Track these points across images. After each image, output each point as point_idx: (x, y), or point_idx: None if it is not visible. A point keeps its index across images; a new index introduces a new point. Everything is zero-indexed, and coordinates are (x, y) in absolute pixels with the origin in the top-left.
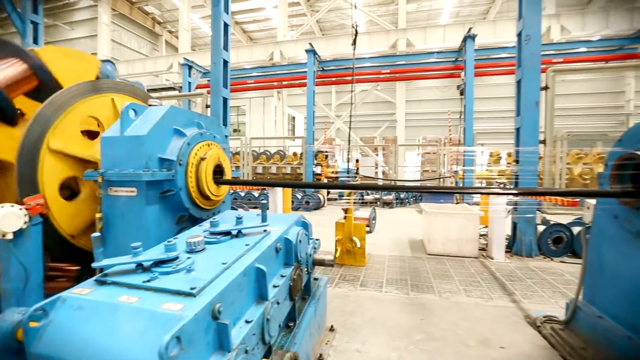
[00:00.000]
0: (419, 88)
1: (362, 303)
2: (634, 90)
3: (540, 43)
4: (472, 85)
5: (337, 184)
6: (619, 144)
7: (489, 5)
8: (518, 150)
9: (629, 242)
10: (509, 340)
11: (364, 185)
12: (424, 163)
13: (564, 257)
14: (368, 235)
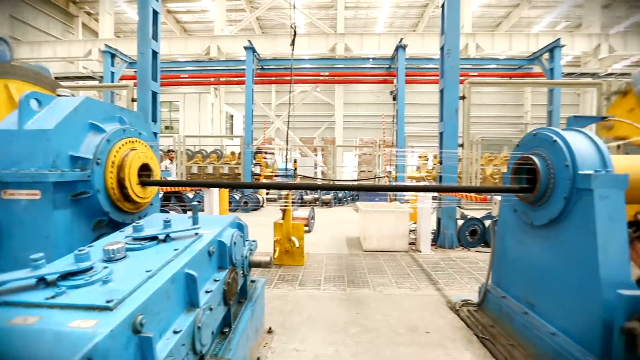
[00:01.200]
0: (356, 91)
1: (300, 302)
2: (531, 103)
3: (459, 57)
4: (403, 91)
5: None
6: (517, 148)
7: (418, 19)
8: (441, 152)
9: (525, 232)
10: (433, 325)
11: (303, 185)
12: (361, 163)
13: (479, 247)
14: (307, 234)
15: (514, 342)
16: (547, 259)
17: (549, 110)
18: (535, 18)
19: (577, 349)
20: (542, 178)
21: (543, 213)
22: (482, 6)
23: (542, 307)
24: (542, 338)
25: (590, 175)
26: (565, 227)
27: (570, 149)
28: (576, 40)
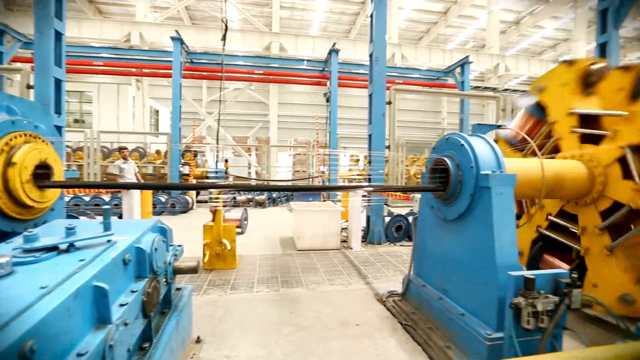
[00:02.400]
0: (291, 92)
1: (232, 306)
2: (447, 111)
3: (385, 65)
4: (336, 94)
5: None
6: (433, 151)
7: (350, 26)
8: (370, 154)
9: (440, 226)
10: (362, 317)
11: (236, 186)
12: (295, 163)
13: (403, 242)
14: (240, 236)
15: (431, 326)
16: (457, 250)
17: (461, 118)
18: (450, 36)
19: (480, 325)
20: (452, 178)
21: (454, 209)
22: (406, 20)
23: (454, 292)
24: (453, 319)
25: (489, 175)
26: (471, 221)
27: (474, 152)
28: (481, 59)
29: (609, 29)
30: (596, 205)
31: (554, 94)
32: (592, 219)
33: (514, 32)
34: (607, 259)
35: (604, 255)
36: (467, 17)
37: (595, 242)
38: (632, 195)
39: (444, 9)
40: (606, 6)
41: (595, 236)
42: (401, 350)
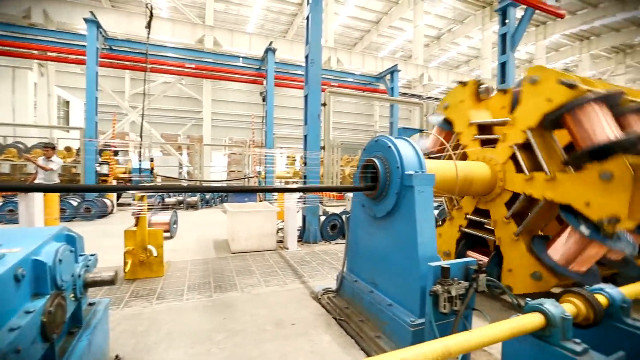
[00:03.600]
0: (226, 89)
1: (158, 318)
2: (379, 115)
3: (321, 67)
4: (272, 93)
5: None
6: (364, 152)
7: (288, 26)
8: (306, 154)
9: (370, 223)
10: (298, 316)
11: (165, 187)
12: (231, 163)
13: (338, 240)
14: (168, 241)
15: (363, 318)
16: (385, 245)
17: (391, 121)
18: (382, 44)
19: (405, 314)
20: (381, 177)
21: (382, 207)
22: (342, 26)
23: (383, 285)
24: (383, 310)
25: (412, 174)
26: (397, 218)
27: (399, 154)
28: (408, 68)
29: (507, 51)
30: (501, 198)
31: (456, 110)
32: (500, 211)
33: (436, 46)
34: (516, 244)
35: (513, 240)
36: (397, 29)
37: (505, 230)
38: (524, 185)
39: (376, 19)
40: (505, 31)
41: (505, 226)
42: (335, 345)
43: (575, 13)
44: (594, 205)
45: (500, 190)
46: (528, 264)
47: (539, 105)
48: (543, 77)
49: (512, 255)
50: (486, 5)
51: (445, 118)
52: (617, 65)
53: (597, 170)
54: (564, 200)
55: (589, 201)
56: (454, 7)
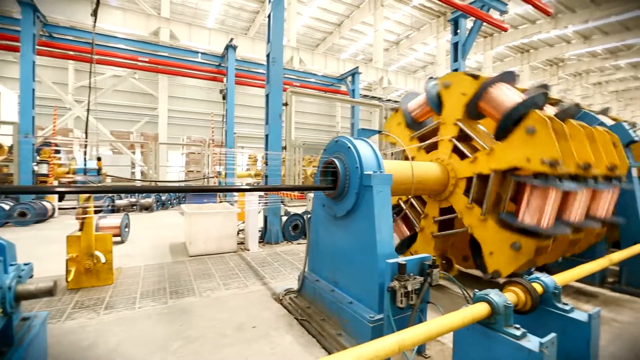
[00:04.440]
0: (184, 85)
1: (107, 329)
2: (341, 116)
3: (282, 67)
4: (233, 91)
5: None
6: (324, 152)
7: (249, 23)
8: (267, 154)
9: (331, 223)
10: (259, 319)
11: (115, 188)
12: (189, 163)
13: (300, 240)
14: (119, 246)
15: (325, 317)
16: (345, 244)
17: (352, 122)
18: (344, 47)
19: (365, 310)
20: (341, 177)
21: (342, 206)
22: (305, 26)
23: (344, 283)
24: (343, 308)
25: (371, 174)
26: (357, 217)
27: (359, 154)
28: (369, 71)
29: (459, 59)
30: (440, 203)
31: (452, 97)
32: (461, 201)
33: (395, 51)
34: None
35: (482, 221)
36: (358, 32)
37: (472, 216)
38: (472, 167)
39: (339, 22)
40: (457, 40)
41: (470, 212)
42: (296, 345)
43: (517, 27)
44: (533, 159)
45: (455, 181)
46: (504, 238)
47: (458, 100)
48: (453, 80)
49: (486, 236)
50: (440, 15)
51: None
52: (551, 77)
53: (522, 129)
54: (508, 165)
55: (528, 157)
56: (411, 15)
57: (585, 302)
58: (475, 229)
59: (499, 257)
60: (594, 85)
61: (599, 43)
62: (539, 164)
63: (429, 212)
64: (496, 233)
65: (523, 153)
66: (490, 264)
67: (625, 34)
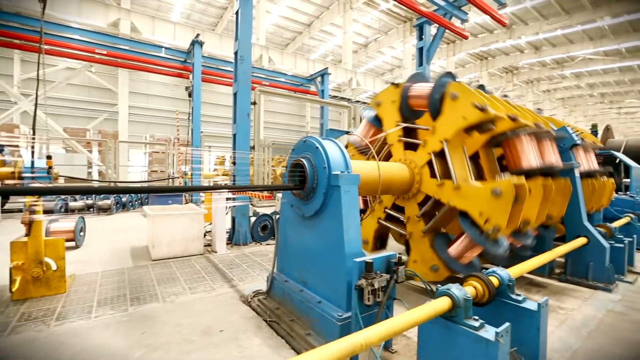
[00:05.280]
0: (146, 81)
1: (59, 342)
2: (310, 116)
3: (251, 65)
4: (199, 89)
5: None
6: (292, 152)
7: (217, 19)
8: (235, 154)
9: (299, 223)
10: (227, 322)
11: (68, 189)
12: (152, 163)
13: (269, 241)
14: (74, 251)
15: (294, 318)
16: (314, 243)
17: (321, 122)
18: (313, 47)
19: (333, 309)
20: (309, 177)
21: (311, 206)
22: (274, 25)
23: (312, 283)
24: (312, 307)
25: (339, 174)
26: (325, 216)
27: (327, 154)
28: (338, 72)
29: (424, 63)
30: (415, 199)
31: (386, 109)
32: (413, 210)
33: (364, 53)
34: (423, 240)
35: (421, 237)
36: (328, 33)
37: (416, 227)
38: (435, 190)
39: (308, 22)
40: (422, 45)
41: (415, 223)
42: (265, 347)
43: (477, 36)
44: (467, 114)
45: (415, 191)
46: (430, 258)
47: (456, 121)
48: (461, 95)
49: (419, 249)
50: (407, 20)
51: (376, 115)
52: (507, 84)
53: (447, 98)
54: (463, 208)
55: (482, 211)
56: (379, 19)
57: (536, 293)
58: (413, 239)
59: (419, 268)
60: (543, 92)
61: (547, 54)
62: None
63: (410, 214)
64: (426, 251)
65: (458, 114)
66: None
67: (570, 47)
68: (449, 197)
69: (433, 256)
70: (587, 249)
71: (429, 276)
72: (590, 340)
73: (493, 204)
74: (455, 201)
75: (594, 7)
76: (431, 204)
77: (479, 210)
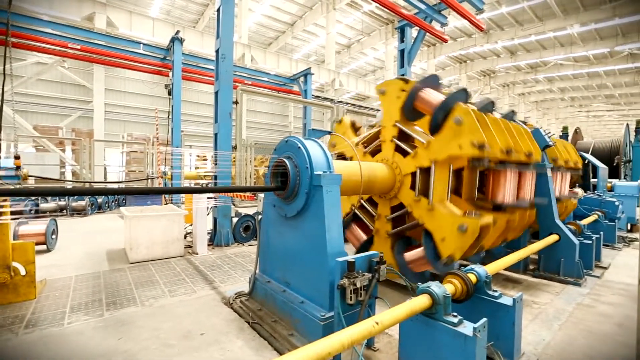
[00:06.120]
0: (124, 78)
1: (28, 351)
2: (293, 116)
3: (232, 63)
4: (179, 87)
5: None
6: (275, 152)
7: (198, 16)
8: (216, 153)
9: (282, 223)
10: (208, 325)
11: (38, 191)
12: (130, 162)
13: (252, 241)
14: (45, 255)
15: (276, 319)
16: (296, 244)
17: (304, 122)
18: (296, 47)
19: (316, 309)
20: (291, 177)
21: (293, 206)
22: (257, 24)
23: (295, 283)
24: (295, 308)
25: (321, 175)
26: (307, 216)
27: (309, 154)
28: (321, 72)
29: (405, 65)
30: (390, 201)
31: (389, 102)
32: (385, 210)
33: (347, 54)
34: (386, 241)
35: (385, 237)
36: (311, 33)
37: (383, 226)
38: (410, 202)
39: (291, 21)
40: (403, 47)
41: (384, 222)
42: (247, 349)
43: (456, 39)
44: (464, 145)
45: (393, 195)
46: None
47: (451, 147)
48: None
49: (380, 247)
50: (389, 22)
51: None
52: (485, 86)
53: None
54: (430, 229)
55: (459, 144)
56: (362, 20)
57: (512, 288)
58: (378, 236)
59: (450, 242)
60: (519, 95)
61: (522, 58)
62: (470, 147)
63: (382, 212)
64: (386, 251)
65: (455, 141)
66: (443, 249)
67: (543, 52)
68: (421, 214)
69: (391, 257)
70: (558, 245)
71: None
72: (561, 332)
73: (456, 236)
74: (424, 219)
75: (564, 15)
76: (403, 212)
77: (442, 236)
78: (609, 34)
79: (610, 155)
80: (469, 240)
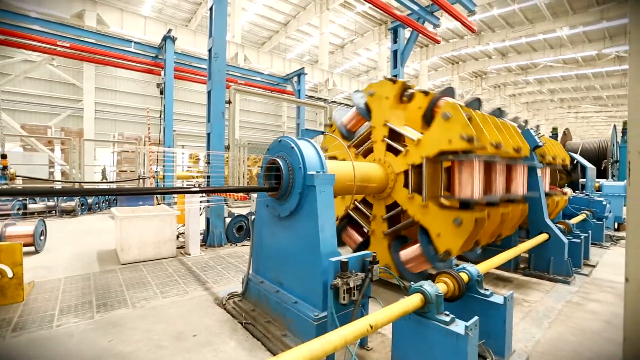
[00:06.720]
0: (115, 77)
1: (16, 355)
2: (287, 116)
3: (225, 62)
4: (172, 86)
5: None
6: (268, 152)
7: (191, 14)
8: (209, 153)
9: (275, 223)
10: (201, 326)
11: (28, 191)
12: (121, 162)
13: (245, 242)
14: (33, 256)
15: (270, 319)
16: (289, 244)
17: (297, 122)
18: (290, 46)
19: (310, 309)
20: (284, 177)
21: (286, 206)
22: (250, 23)
23: (288, 283)
24: (288, 308)
25: (314, 174)
26: (300, 216)
27: (302, 154)
28: (315, 72)
29: (398, 66)
30: (385, 201)
31: (378, 103)
32: (380, 210)
33: (340, 54)
34: (382, 240)
35: (382, 237)
36: (304, 33)
37: (379, 227)
38: (405, 200)
39: (285, 21)
40: (396, 48)
41: (380, 223)
42: (240, 350)
43: (449, 41)
44: (453, 139)
45: (387, 194)
46: (384, 258)
47: (441, 142)
48: (453, 117)
49: (376, 248)
50: (382, 23)
51: (366, 103)
52: (476, 87)
53: (439, 116)
54: (425, 225)
55: (449, 139)
56: (355, 21)
57: (503, 287)
58: (374, 237)
59: (445, 237)
60: (509, 96)
61: (513, 60)
62: (459, 141)
63: (377, 213)
64: (383, 251)
65: (444, 136)
66: (439, 245)
67: (533, 54)
68: (415, 211)
69: (388, 257)
70: (548, 244)
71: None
72: (551, 330)
73: (452, 230)
74: (419, 217)
75: (554, 17)
76: (398, 211)
77: (437, 232)
78: (597, 36)
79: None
80: (465, 233)
